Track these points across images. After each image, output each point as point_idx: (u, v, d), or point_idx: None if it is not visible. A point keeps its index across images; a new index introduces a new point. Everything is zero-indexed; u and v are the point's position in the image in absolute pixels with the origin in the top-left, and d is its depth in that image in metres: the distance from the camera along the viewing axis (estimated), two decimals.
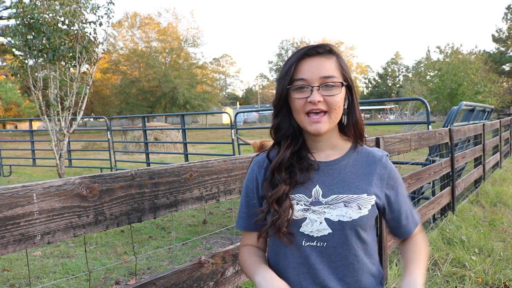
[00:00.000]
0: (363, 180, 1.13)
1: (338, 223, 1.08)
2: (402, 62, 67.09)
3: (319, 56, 1.08)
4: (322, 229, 1.08)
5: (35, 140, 11.28)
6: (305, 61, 1.08)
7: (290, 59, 1.11)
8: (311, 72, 1.07)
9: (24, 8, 6.28)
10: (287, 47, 63.13)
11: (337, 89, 1.08)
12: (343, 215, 1.08)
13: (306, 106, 1.07)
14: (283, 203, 1.09)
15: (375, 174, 1.15)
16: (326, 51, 1.09)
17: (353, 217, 1.08)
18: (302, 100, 1.08)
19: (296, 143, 1.16)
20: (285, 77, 1.09)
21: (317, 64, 1.07)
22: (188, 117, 48.43)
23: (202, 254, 2.97)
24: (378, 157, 1.18)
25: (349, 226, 1.08)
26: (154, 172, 1.36)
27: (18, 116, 34.10)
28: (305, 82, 1.07)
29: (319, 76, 1.06)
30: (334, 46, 1.13)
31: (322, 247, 1.09)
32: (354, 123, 1.15)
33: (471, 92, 25.64)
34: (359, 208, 1.09)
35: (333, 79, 1.07)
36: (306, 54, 1.08)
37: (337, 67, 1.10)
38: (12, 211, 0.99)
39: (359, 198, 1.10)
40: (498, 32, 41.88)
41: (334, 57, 1.11)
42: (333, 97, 1.07)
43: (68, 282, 3.39)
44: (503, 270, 3.04)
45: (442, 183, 4.59)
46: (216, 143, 17.42)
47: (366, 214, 1.09)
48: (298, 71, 1.08)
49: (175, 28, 43.91)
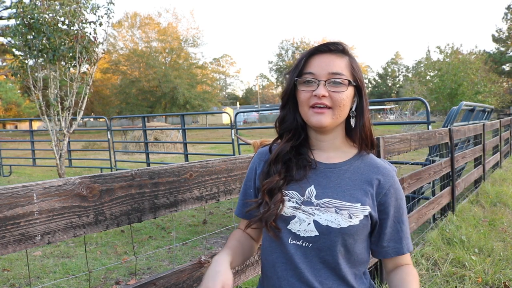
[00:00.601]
0: (360, 190, 1.10)
1: (326, 227, 1.06)
2: (402, 62, 67.19)
3: (330, 53, 1.09)
4: (309, 230, 1.07)
5: (35, 140, 11.28)
6: (316, 57, 1.10)
7: (302, 54, 1.13)
8: (319, 67, 1.08)
9: (24, 8, 6.28)
10: (287, 47, 63.15)
11: (344, 86, 1.08)
12: (332, 221, 1.06)
13: (311, 100, 1.08)
14: (275, 196, 1.10)
15: (372, 187, 1.11)
16: (339, 50, 1.10)
17: (342, 225, 1.06)
18: (308, 93, 1.09)
19: (298, 138, 1.16)
20: (295, 70, 1.11)
21: (327, 61, 1.08)
22: (188, 117, 48.42)
23: (202, 254, 2.97)
24: (383, 172, 1.13)
25: (336, 233, 1.06)
26: (154, 172, 1.36)
27: (18, 116, 34.11)
28: (313, 76, 1.08)
29: (327, 72, 1.07)
30: (348, 47, 1.13)
31: (307, 248, 1.09)
32: (361, 126, 1.13)
33: (471, 92, 25.63)
34: (349, 217, 1.06)
35: (341, 76, 1.07)
36: (318, 50, 1.09)
37: (347, 66, 1.10)
38: (12, 211, 0.99)
39: (351, 207, 1.07)
40: (498, 32, 41.90)
41: (346, 57, 1.11)
42: (338, 93, 1.07)
43: (68, 282, 3.39)
44: (503, 270, 3.04)
45: (442, 183, 4.59)
46: (216, 143, 17.42)
47: (356, 224, 1.06)
48: (307, 65, 1.10)
49: (175, 28, 43.90)
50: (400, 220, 1.14)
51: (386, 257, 1.15)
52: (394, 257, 1.15)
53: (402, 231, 1.14)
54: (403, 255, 1.15)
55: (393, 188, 1.13)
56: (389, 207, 1.12)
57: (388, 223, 1.13)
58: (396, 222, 1.13)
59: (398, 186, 1.14)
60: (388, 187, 1.12)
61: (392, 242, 1.14)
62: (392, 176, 1.14)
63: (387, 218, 1.12)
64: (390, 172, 1.14)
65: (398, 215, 1.14)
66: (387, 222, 1.12)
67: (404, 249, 1.14)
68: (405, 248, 1.14)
